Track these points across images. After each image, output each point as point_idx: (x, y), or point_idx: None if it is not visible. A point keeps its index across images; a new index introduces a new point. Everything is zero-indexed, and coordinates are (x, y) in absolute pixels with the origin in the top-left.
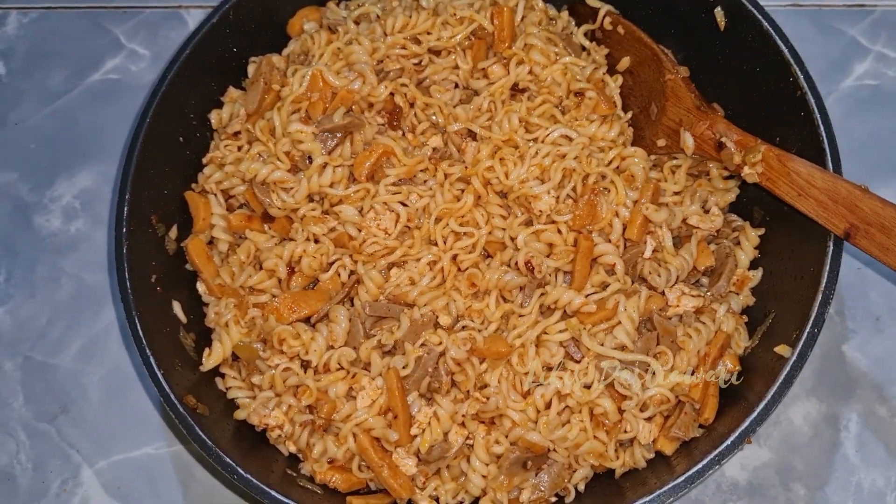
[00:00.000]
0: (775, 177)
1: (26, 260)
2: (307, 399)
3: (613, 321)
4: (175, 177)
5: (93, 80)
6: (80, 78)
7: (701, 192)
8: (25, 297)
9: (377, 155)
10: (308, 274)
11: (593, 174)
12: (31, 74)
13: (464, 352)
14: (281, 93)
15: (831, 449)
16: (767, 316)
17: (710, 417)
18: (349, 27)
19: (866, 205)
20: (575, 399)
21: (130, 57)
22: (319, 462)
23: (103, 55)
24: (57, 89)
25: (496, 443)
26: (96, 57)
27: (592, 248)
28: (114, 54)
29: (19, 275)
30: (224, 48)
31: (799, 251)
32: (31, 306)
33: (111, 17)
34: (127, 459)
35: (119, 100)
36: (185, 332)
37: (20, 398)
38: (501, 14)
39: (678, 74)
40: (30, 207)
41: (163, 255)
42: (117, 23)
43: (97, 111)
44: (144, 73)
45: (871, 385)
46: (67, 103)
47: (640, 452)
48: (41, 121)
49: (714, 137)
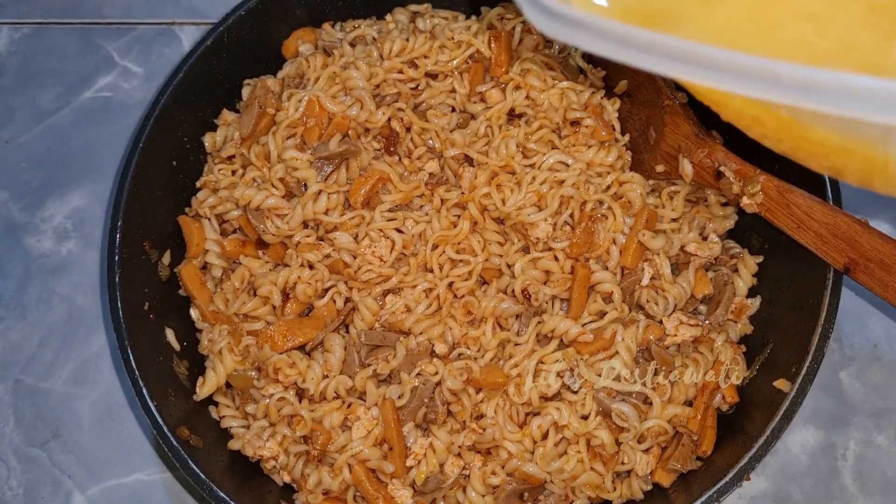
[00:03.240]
0: (774, 208)
1: (17, 281)
2: (302, 430)
3: (611, 351)
4: (168, 201)
5: (85, 97)
6: (72, 95)
7: (699, 219)
8: (16, 319)
9: (373, 181)
10: (303, 300)
11: (591, 201)
12: (22, 91)
13: (460, 382)
14: (276, 117)
15: (829, 478)
16: (766, 346)
17: (709, 450)
18: (345, 50)
19: (866, 240)
20: (572, 430)
21: (123, 74)
22: (314, 493)
23: (96, 72)
24: (48, 107)
25: (493, 474)
26: (88, 74)
27: (590, 276)
28: (106, 71)
29: (10, 296)
30: (218, 70)
31: (798, 280)
32: (21, 328)
33: (104, 33)
34: (119, 486)
35: (112, 118)
36: (179, 359)
37: (11, 422)
38: (499, 38)
39: (676, 100)
40: (20, 228)
41: (156, 281)
42: (110, 39)
43: (89, 129)
44: (137, 90)
45: (869, 413)
46: (59, 121)
47: (638, 484)
48: (32, 139)
49: (713, 165)
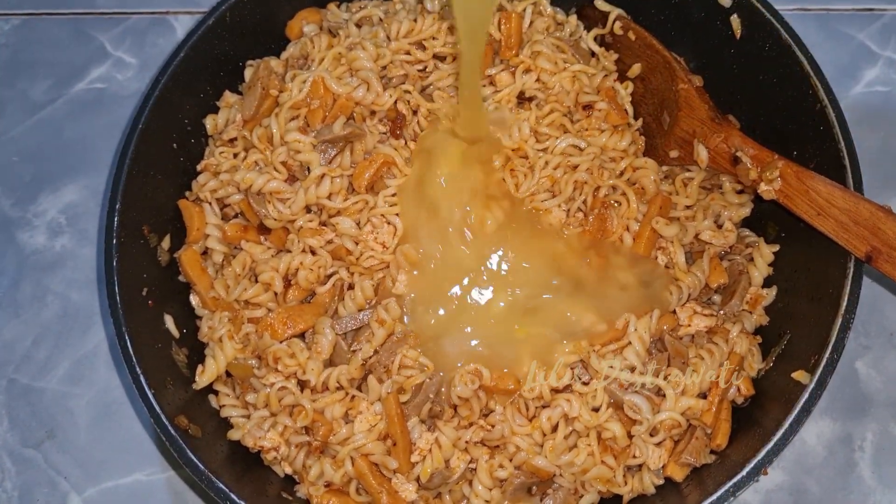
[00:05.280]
0: (793, 194)
1: (10, 278)
2: (303, 420)
3: (623, 342)
4: (168, 185)
5: (78, 89)
6: (65, 87)
7: (714, 207)
8: (9, 317)
9: (377, 165)
10: (305, 287)
11: (605, 186)
12: (14, 84)
13: (470, 389)
14: (279, 98)
15: (846, 470)
16: (782, 337)
17: (723, 443)
18: (350, 31)
19: (890, 227)
20: (582, 423)
21: (117, 65)
22: (316, 485)
23: (88, 63)
24: (40, 99)
25: (500, 467)
26: (81, 65)
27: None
28: (99, 62)
29: (3, 294)
30: (220, 51)
31: (816, 270)
32: (15, 326)
33: (96, 23)
34: (117, 487)
35: (105, 110)
36: (178, 347)
37: (5, 423)
38: (509, 20)
39: (691, 84)
40: (13, 223)
41: (155, 266)
42: (103, 30)
43: (82, 122)
44: (131, 81)
45: (886, 403)
46: (51, 114)
47: (649, 478)
48: (24, 132)
49: (729, 151)
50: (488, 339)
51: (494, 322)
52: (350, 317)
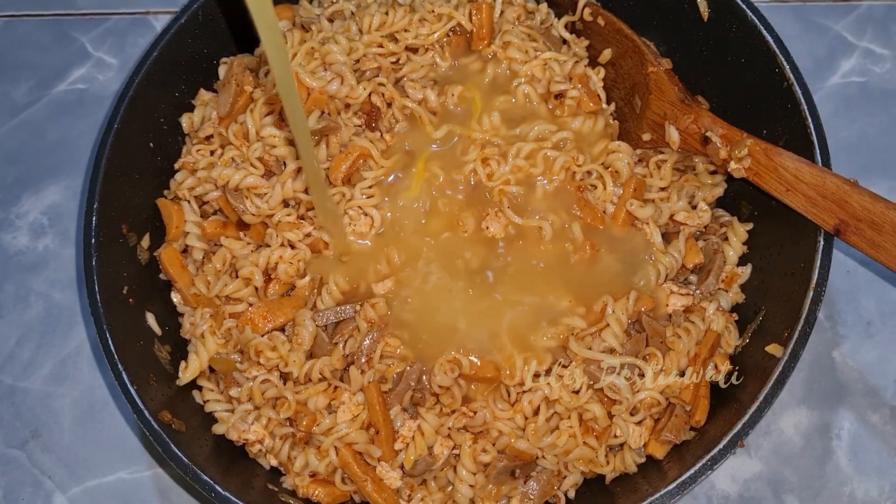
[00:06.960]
0: (762, 172)
1: None
2: (286, 412)
3: (601, 324)
4: (146, 184)
5: (59, 90)
6: (46, 88)
7: (688, 188)
8: None
9: (353, 158)
10: (285, 281)
11: (580, 171)
12: None
13: (451, 378)
14: (253, 94)
15: (824, 458)
16: (758, 313)
17: (702, 419)
18: (323, 25)
19: (856, 200)
20: (563, 405)
21: (98, 66)
22: (301, 476)
23: (69, 64)
24: (22, 101)
25: (483, 451)
26: (62, 66)
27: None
28: (80, 63)
29: None
30: (194, 49)
31: (788, 246)
32: None
33: (77, 24)
34: (101, 485)
35: (86, 111)
36: (160, 344)
37: None
38: (480, 10)
39: (661, 66)
40: None
41: (135, 265)
42: (83, 30)
43: (64, 123)
44: (112, 82)
45: (863, 392)
46: (33, 115)
47: (631, 457)
48: (6, 134)
49: (699, 131)
50: (468, 327)
51: (473, 309)
52: (330, 310)
